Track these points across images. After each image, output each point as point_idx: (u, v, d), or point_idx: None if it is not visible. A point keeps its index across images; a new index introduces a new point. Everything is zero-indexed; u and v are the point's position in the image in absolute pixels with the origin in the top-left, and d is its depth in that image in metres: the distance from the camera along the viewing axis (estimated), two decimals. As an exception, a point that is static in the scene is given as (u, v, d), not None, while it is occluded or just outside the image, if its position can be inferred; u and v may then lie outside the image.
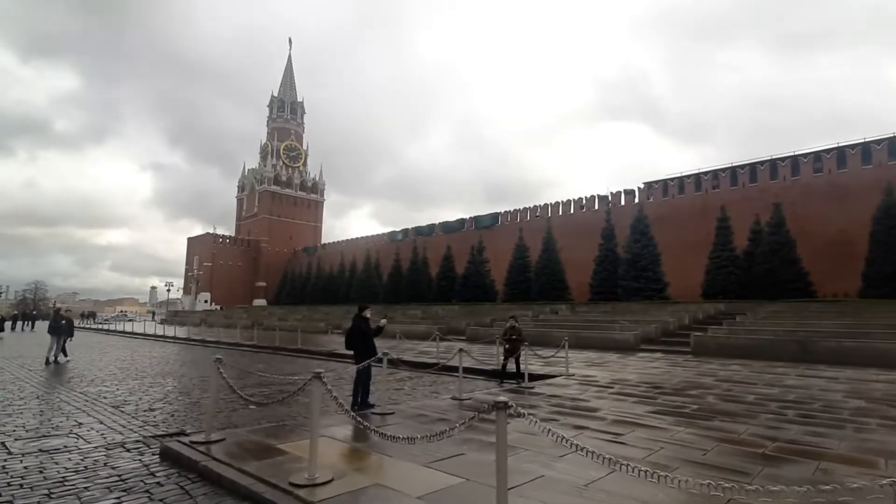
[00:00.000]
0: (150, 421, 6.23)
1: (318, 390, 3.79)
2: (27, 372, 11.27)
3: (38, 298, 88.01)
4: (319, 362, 14.41)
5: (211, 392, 4.99)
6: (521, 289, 36.70)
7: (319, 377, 3.76)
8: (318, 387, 3.77)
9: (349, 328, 7.53)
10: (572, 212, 50.35)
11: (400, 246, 53.57)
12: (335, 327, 29.06)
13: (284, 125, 77.92)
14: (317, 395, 3.81)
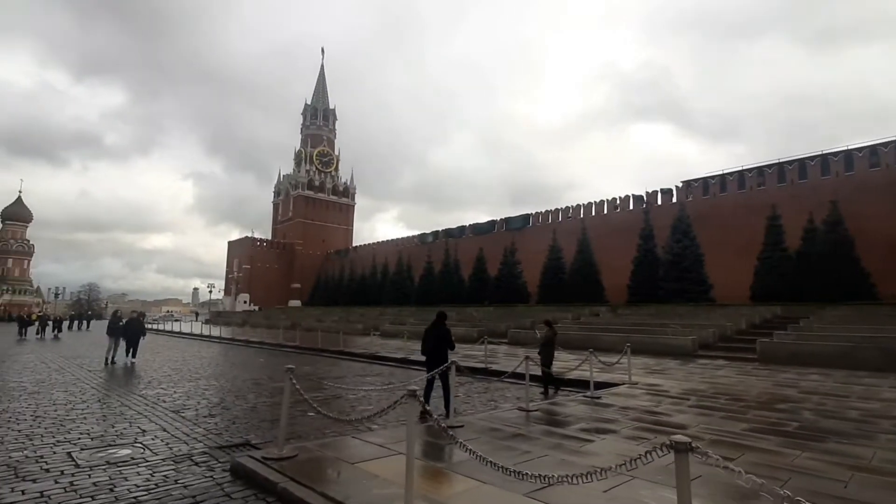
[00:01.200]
0: (213, 429, 6.02)
1: (414, 410, 3.42)
2: (87, 373, 11.43)
3: (91, 299, 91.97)
4: (363, 365, 14.18)
5: (283, 405, 4.69)
6: (554, 290, 35.95)
7: (415, 395, 3.38)
8: (413, 406, 3.39)
9: (431, 334, 7.35)
10: (605, 212, 48.96)
11: (430, 248, 53.35)
12: (373, 328, 28.96)
13: (317, 132, 79.17)
14: (413, 414, 3.43)
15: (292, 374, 4.62)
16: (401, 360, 14.74)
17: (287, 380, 4.57)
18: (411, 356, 15.20)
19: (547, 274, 37.30)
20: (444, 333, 7.37)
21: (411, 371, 13.06)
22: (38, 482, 4.02)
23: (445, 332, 7.39)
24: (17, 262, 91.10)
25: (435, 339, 7.33)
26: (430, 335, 7.39)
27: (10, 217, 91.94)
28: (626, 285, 32.80)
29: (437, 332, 7.34)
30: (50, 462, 4.54)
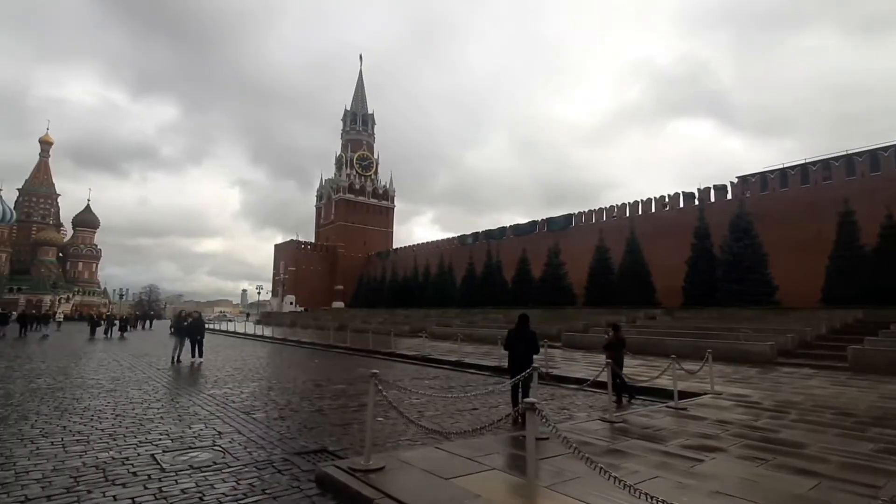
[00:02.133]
0: (286, 433, 5.88)
1: (534, 425, 3.06)
2: (156, 371, 11.79)
3: (151, 300, 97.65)
4: (416, 367, 13.97)
5: (368, 413, 4.43)
6: (602, 292, 34.73)
7: (533, 407, 3.01)
8: (532, 420, 3.03)
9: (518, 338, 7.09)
10: (654, 211, 47.01)
11: (470, 249, 52.96)
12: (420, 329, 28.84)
13: (357, 136, 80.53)
14: (532, 431, 3.07)
15: (377, 379, 4.33)
16: (455, 363, 14.44)
17: (372, 386, 4.31)
18: (465, 359, 14.89)
19: (594, 275, 36.15)
20: (533, 337, 7.14)
21: (467, 374, 12.74)
22: (127, 487, 3.94)
23: (533, 336, 7.16)
24: (87, 266, 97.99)
25: (525, 344, 7.05)
26: (516, 339, 7.12)
27: (80, 224, 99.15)
28: (679, 287, 31.26)
29: (525, 336, 7.08)
30: (136, 465, 4.49)
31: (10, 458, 4.58)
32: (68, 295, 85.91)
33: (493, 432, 5.99)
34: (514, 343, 7.22)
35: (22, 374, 10.85)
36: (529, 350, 7.27)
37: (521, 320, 7.37)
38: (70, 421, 6.20)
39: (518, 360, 7.16)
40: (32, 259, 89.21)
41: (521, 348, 7.20)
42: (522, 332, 7.28)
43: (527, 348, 7.23)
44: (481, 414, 7.51)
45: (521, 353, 7.16)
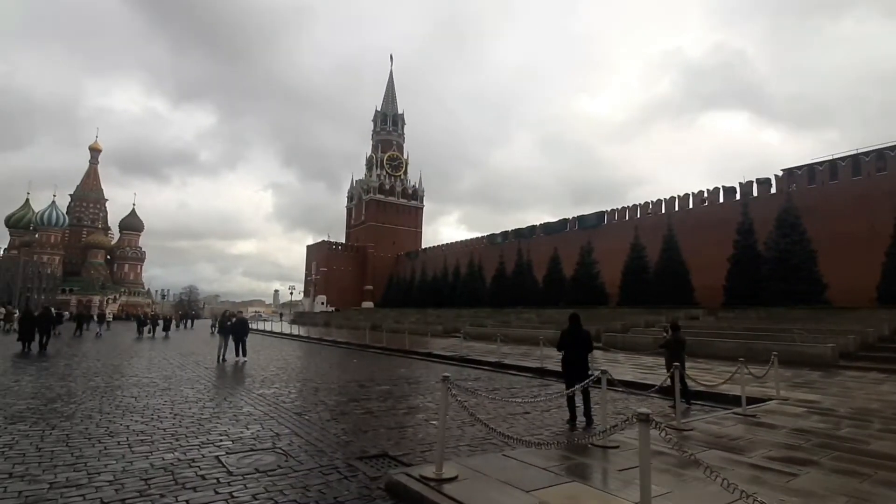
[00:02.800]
0: (342, 436, 5.80)
1: (646, 437, 2.83)
2: (204, 370, 12.03)
3: (191, 300, 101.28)
4: (456, 368, 13.77)
5: (440, 418, 4.27)
6: (637, 291, 33.76)
7: (648, 419, 2.78)
8: (644, 431, 2.80)
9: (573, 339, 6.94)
10: (691, 207, 45.44)
11: (499, 249, 52.50)
12: (454, 330, 28.74)
13: (387, 137, 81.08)
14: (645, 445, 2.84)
15: (450, 384, 4.17)
16: (494, 364, 14.21)
17: (444, 391, 4.14)
18: (504, 360, 14.64)
19: (629, 274, 35.21)
20: (587, 337, 6.93)
21: (509, 376, 12.50)
22: (198, 491, 3.90)
23: (587, 336, 6.94)
24: (132, 267, 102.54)
25: (580, 345, 6.84)
26: (571, 340, 6.90)
27: (126, 227, 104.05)
28: (720, 286, 30.06)
29: (579, 337, 6.87)
30: (202, 467, 4.47)
31: (81, 458, 4.63)
32: (115, 295, 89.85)
33: (556, 438, 5.77)
34: (569, 344, 7.00)
35: (81, 371, 11.24)
36: (585, 351, 7.07)
37: (574, 320, 7.13)
38: (132, 420, 6.30)
39: (575, 363, 6.97)
40: (83, 261, 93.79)
41: (577, 350, 7.00)
42: (576, 332, 7.07)
43: (582, 349, 7.03)
44: (535, 418, 7.29)
45: (577, 355, 6.98)
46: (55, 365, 12.38)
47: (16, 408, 6.85)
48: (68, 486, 3.92)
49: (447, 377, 4.22)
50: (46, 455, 4.69)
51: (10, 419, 6.14)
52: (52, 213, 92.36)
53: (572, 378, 7.02)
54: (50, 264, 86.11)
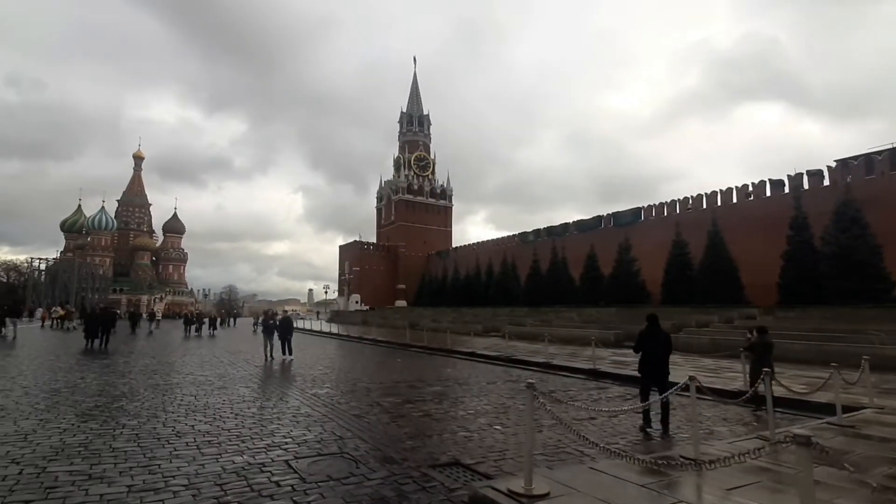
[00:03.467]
0: (407, 441, 5.57)
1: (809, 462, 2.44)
2: (254, 368, 12.17)
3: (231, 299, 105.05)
4: (503, 368, 13.42)
5: (527, 427, 3.96)
6: (681, 289, 32.47)
7: (808, 441, 2.38)
8: (807, 457, 2.41)
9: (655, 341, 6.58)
10: (735, 201, 43.40)
11: (533, 247, 51.69)
12: (492, 329, 28.39)
13: (413, 137, 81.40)
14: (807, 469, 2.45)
15: (535, 391, 3.86)
16: (543, 365, 13.79)
17: (529, 398, 3.84)
18: (553, 360, 14.21)
19: (671, 271, 33.96)
20: (668, 339, 6.54)
21: (560, 377, 12.05)
22: (275, 499, 3.74)
23: (668, 338, 6.56)
24: (176, 268, 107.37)
25: (661, 347, 6.45)
26: (653, 341, 6.51)
27: (169, 230, 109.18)
28: (773, 284, 28.57)
29: (660, 339, 6.48)
30: (274, 472, 4.32)
31: (154, 459, 4.58)
32: (161, 295, 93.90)
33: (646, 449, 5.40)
34: (649, 346, 6.59)
35: (139, 369, 11.53)
36: (666, 353, 6.67)
37: (652, 321, 6.71)
38: (196, 420, 6.28)
39: (656, 366, 6.58)
40: (131, 263, 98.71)
41: (657, 352, 6.58)
42: (656, 333, 6.65)
43: (662, 351, 6.62)
44: (604, 424, 6.88)
45: (659, 358, 6.58)
46: (115, 362, 12.77)
47: (85, 405, 6.97)
48: (146, 489, 3.84)
49: (532, 384, 3.90)
50: (120, 455, 4.66)
51: (81, 417, 6.23)
52: (101, 217, 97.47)
53: (651, 382, 6.65)
54: (101, 265, 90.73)
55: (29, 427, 5.58)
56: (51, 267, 79.56)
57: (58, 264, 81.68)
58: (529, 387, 3.83)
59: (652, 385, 6.73)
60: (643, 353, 6.66)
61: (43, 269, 78.92)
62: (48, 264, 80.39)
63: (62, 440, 5.09)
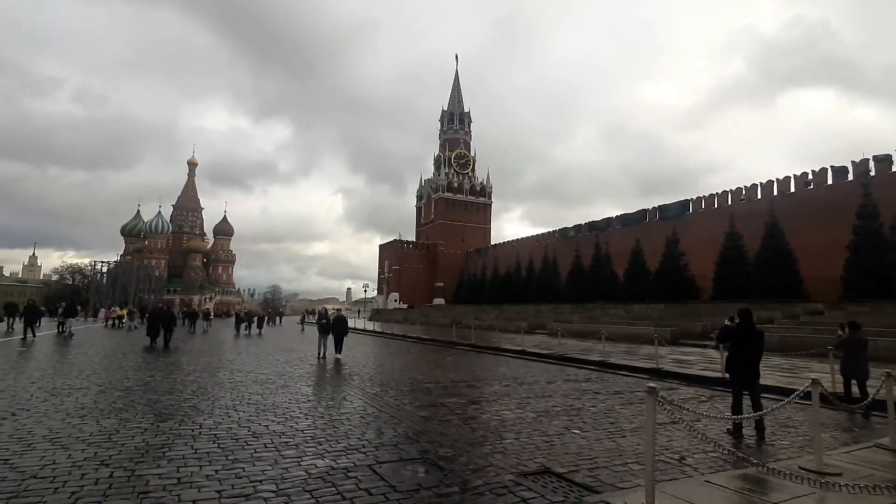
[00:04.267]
0: (486, 445, 5.29)
1: None
2: (310, 366, 12.26)
3: (275, 298, 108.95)
4: (557, 367, 12.95)
5: (647, 435, 3.58)
6: (734, 284, 30.94)
7: None
8: None
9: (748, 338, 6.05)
10: (793, 190, 40.76)
11: (574, 243, 50.48)
12: (537, 326, 27.84)
13: (454, 135, 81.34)
14: None
15: (656, 395, 3.48)
16: (599, 364, 13.24)
17: (651, 404, 3.47)
18: (609, 359, 13.64)
19: (724, 265, 32.45)
20: (762, 337, 6.02)
21: (620, 377, 11.49)
22: (370, 508, 3.55)
23: (762, 336, 6.04)
24: (224, 269, 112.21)
25: (756, 346, 5.96)
26: (746, 339, 6.00)
27: (219, 232, 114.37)
28: (837, 276, 26.73)
29: (754, 337, 6.00)
30: (361, 479, 4.14)
31: (236, 462, 4.50)
32: (211, 294, 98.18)
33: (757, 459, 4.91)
34: (744, 345, 6.06)
35: (202, 366, 11.82)
36: (759, 353, 6.14)
37: (746, 316, 6.15)
38: (269, 420, 6.24)
39: (748, 366, 6.06)
40: (184, 264, 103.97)
41: (750, 351, 6.05)
42: (750, 330, 6.10)
43: (756, 351, 6.09)
44: (685, 429, 6.37)
45: (752, 358, 6.06)
46: (178, 360, 13.17)
47: (160, 404, 7.09)
48: (236, 495, 3.73)
49: (654, 388, 3.52)
50: (203, 457, 4.61)
51: (159, 416, 6.31)
52: (157, 222, 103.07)
53: (742, 383, 6.15)
54: (157, 267, 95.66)
55: (111, 427, 5.66)
56: (112, 269, 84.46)
57: (118, 267, 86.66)
58: (651, 392, 3.45)
59: (743, 387, 6.24)
60: (734, 352, 6.16)
61: (104, 272, 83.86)
62: (109, 267, 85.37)
63: (145, 441, 5.12)
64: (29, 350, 14.85)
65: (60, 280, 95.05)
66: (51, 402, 7.02)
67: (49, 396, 7.39)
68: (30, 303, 21.19)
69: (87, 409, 6.63)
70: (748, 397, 6.15)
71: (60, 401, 7.10)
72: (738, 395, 6.24)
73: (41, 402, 6.92)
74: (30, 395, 7.51)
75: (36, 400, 7.10)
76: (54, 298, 61.05)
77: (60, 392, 7.79)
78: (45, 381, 8.83)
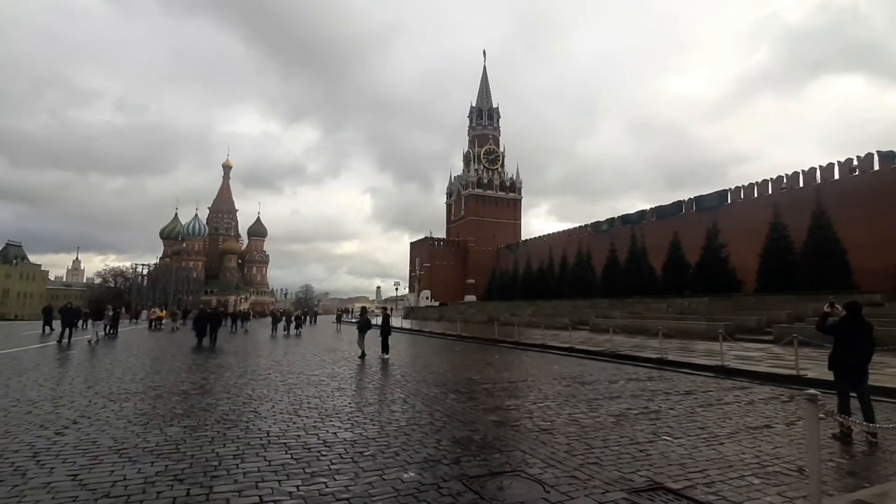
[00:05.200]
0: (573, 457, 4.81)
1: None
2: (357, 367, 12.00)
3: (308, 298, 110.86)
4: (614, 365, 12.27)
5: (811, 452, 3.04)
6: (780, 276, 29.49)
7: None
8: None
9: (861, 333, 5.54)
10: (837, 177, 38.41)
11: (607, 237, 49.20)
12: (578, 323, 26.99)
13: (483, 131, 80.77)
14: None
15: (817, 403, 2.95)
16: (656, 361, 12.55)
17: (812, 414, 2.94)
18: (666, 356, 12.93)
19: (768, 257, 31.00)
20: (871, 332, 5.46)
21: (683, 375, 10.81)
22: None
23: (871, 330, 5.48)
24: (259, 269, 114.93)
25: (868, 344, 5.40)
26: (855, 334, 5.44)
27: (253, 233, 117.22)
28: (893, 266, 25.15)
29: (868, 333, 5.44)
30: (457, 495, 3.75)
31: (315, 476, 4.17)
32: (246, 295, 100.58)
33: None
34: (852, 340, 5.49)
35: (251, 367, 11.73)
36: (871, 352, 5.55)
37: (855, 310, 5.58)
38: (335, 426, 5.93)
39: (860, 364, 5.50)
40: (220, 265, 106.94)
41: (860, 350, 5.48)
42: (860, 325, 5.53)
43: (868, 349, 5.52)
44: (782, 433, 5.78)
45: (862, 357, 5.49)
46: (227, 362, 13.12)
47: (220, 409, 6.88)
48: (326, 515, 3.39)
49: (815, 395, 2.99)
50: (279, 471, 4.30)
51: (223, 423, 6.07)
52: (194, 224, 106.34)
53: (851, 383, 5.58)
54: (195, 269, 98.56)
55: (177, 435, 5.44)
56: (151, 272, 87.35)
57: (157, 269, 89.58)
58: (812, 400, 2.92)
59: (852, 388, 5.64)
60: (842, 349, 5.58)
61: (145, 275, 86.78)
62: (149, 269, 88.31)
63: (215, 452, 4.85)
64: (80, 354, 15.13)
65: (103, 283, 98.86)
66: (110, 408, 6.91)
67: (107, 402, 7.30)
68: (67, 305, 20.41)
69: (147, 415, 6.48)
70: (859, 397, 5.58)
71: (119, 406, 6.99)
72: (845, 396, 5.68)
73: (100, 409, 6.81)
74: (88, 400, 7.43)
75: (95, 406, 6.99)
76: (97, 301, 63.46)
77: (118, 397, 7.70)
78: (101, 386, 8.80)
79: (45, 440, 5.17)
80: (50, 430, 5.59)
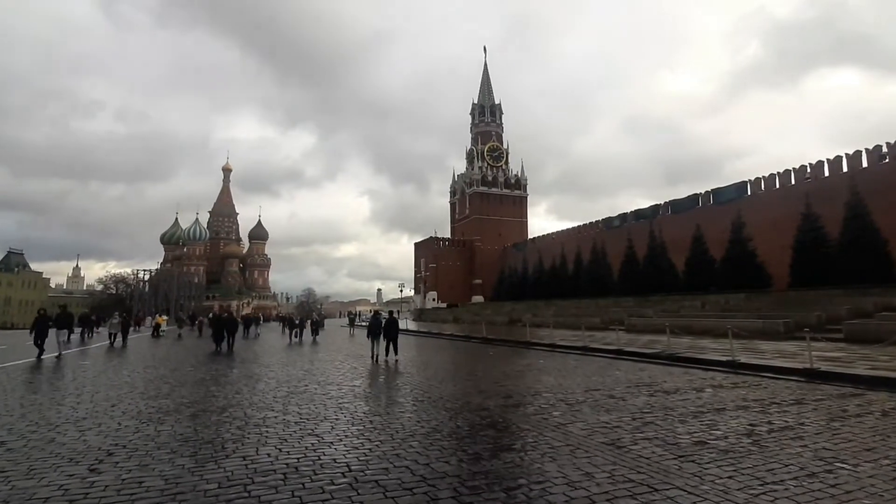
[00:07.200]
0: (734, 495, 3.79)
1: None
2: (394, 375, 11.02)
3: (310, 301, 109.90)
4: (661, 367, 11.23)
5: None
6: (814, 269, 28.47)
7: None
8: None
9: None
10: (866, 165, 37.24)
11: (620, 233, 48.16)
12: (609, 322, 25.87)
13: (486, 128, 79.67)
14: None
15: None
16: (728, 364, 11.41)
17: None
18: (738, 358, 11.83)
19: (801, 250, 29.94)
20: None
21: (768, 379, 9.72)
22: None
23: None
24: (260, 273, 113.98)
25: None
26: None
27: (254, 237, 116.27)
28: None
29: None
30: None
31: None
32: (248, 299, 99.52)
33: None
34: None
35: (284, 378, 10.66)
36: None
37: None
38: (374, 437, 5.04)
39: None
40: (221, 270, 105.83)
41: None
42: None
43: None
44: None
45: None
46: (254, 371, 12.10)
47: (275, 433, 5.80)
48: None
49: None
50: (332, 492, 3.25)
51: (283, 452, 5.01)
52: (195, 229, 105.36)
53: None
54: (196, 274, 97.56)
55: (239, 472, 4.39)
56: (153, 277, 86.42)
57: (159, 274, 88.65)
58: None
59: None
60: None
61: (146, 280, 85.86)
62: (151, 275, 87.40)
63: (297, 496, 3.81)
64: (94, 364, 14.09)
65: (105, 290, 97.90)
66: (144, 432, 5.88)
67: (140, 425, 6.26)
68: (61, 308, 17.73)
69: (192, 442, 5.43)
70: None
71: (156, 430, 5.95)
72: None
73: (134, 434, 5.78)
74: (116, 423, 6.39)
75: (127, 430, 5.96)
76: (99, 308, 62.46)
77: (150, 418, 6.66)
78: (126, 404, 7.77)
79: (78, 481, 4.14)
80: (82, 465, 4.56)
